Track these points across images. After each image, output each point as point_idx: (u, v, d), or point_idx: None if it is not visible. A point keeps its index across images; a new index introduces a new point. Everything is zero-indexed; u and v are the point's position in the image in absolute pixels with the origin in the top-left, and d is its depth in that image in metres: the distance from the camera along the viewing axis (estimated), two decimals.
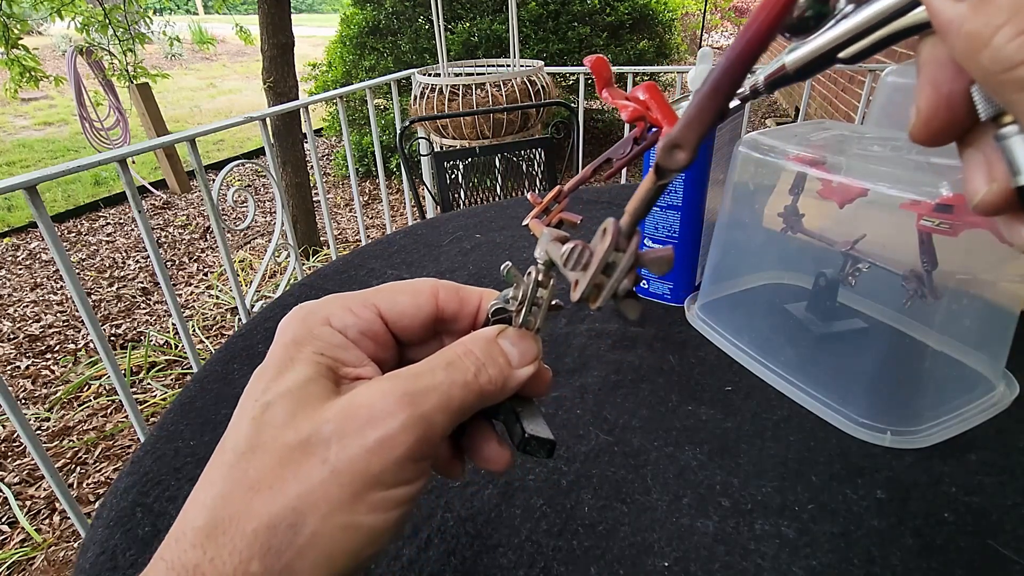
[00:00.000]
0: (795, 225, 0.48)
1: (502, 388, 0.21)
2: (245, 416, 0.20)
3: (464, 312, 0.24)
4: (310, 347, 0.20)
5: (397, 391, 0.19)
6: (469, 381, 0.20)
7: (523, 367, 0.21)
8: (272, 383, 0.20)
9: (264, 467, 0.18)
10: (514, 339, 0.22)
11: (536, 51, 3.57)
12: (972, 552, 0.33)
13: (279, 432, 0.19)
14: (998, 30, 0.12)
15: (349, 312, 0.22)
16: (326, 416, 0.18)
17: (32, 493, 1.58)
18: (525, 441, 0.21)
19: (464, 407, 0.20)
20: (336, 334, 0.21)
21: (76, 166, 1.09)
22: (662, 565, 0.33)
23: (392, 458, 0.18)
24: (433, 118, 1.87)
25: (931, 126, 0.15)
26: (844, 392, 0.44)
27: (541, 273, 0.21)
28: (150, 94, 3.75)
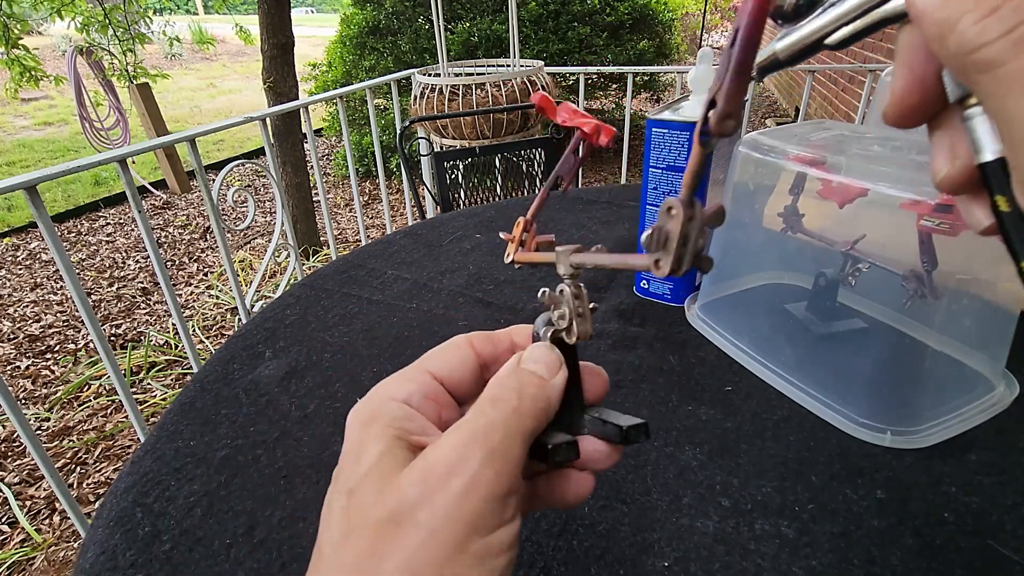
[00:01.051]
0: (795, 225, 0.48)
1: (547, 403, 0.21)
2: (333, 510, 0.20)
3: (499, 353, 0.25)
4: (378, 424, 0.21)
5: (464, 437, 0.19)
6: (517, 407, 0.20)
7: (554, 376, 0.22)
8: (352, 470, 0.20)
9: (360, 549, 0.18)
10: (534, 357, 0.23)
11: (536, 51, 3.57)
12: (972, 552, 0.33)
13: (368, 512, 0.19)
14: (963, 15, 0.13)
15: (406, 381, 0.23)
16: (408, 482, 0.19)
17: (32, 493, 1.58)
18: (625, 434, 0.22)
19: (525, 433, 0.20)
20: (400, 405, 0.22)
21: (76, 166, 1.09)
22: (662, 565, 0.33)
23: (480, 499, 0.18)
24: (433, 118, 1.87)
25: (903, 106, 0.16)
26: (844, 392, 0.44)
27: (573, 286, 0.23)
28: (150, 94, 3.75)
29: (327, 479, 0.41)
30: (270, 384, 0.51)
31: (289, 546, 0.36)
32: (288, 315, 0.62)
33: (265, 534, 0.37)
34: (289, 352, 0.55)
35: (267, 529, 0.37)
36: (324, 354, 0.55)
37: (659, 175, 0.55)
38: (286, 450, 0.43)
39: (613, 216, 0.83)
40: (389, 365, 0.53)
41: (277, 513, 0.38)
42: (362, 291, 0.66)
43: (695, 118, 0.52)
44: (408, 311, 0.61)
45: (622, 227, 0.78)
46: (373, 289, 0.66)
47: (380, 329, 0.58)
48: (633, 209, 0.85)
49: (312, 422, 0.46)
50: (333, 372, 0.52)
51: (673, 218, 0.17)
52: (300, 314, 0.62)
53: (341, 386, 0.50)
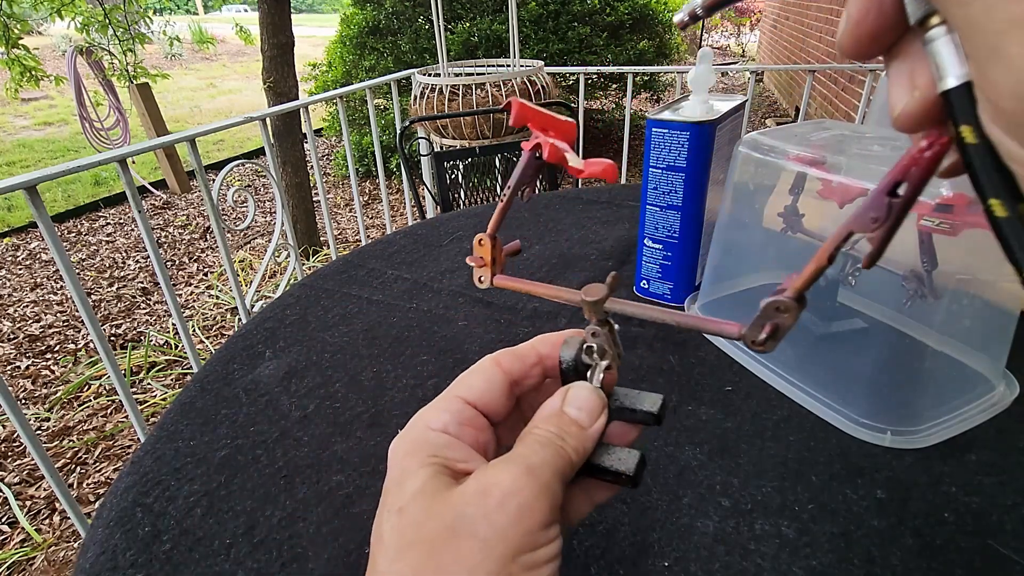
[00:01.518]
0: (795, 225, 0.48)
1: (584, 451, 0.23)
2: (384, 530, 0.21)
3: (527, 368, 0.25)
4: (420, 454, 0.22)
5: (521, 468, 0.21)
6: (561, 451, 0.22)
7: (593, 424, 0.23)
8: (398, 494, 0.21)
9: (419, 561, 0.19)
10: (579, 403, 0.23)
11: (536, 51, 3.57)
12: (972, 552, 0.33)
13: (422, 527, 0.20)
14: None
15: (441, 411, 0.24)
16: (464, 500, 0.20)
17: (32, 493, 1.58)
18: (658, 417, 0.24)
19: (565, 475, 0.22)
20: (439, 435, 0.23)
21: (76, 166, 1.09)
22: (662, 565, 0.33)
23: (532, 523, 0.20)
24: (433, 118, 1.87)
25: (860, 31, 0.15)
26: (844, 392, 0.44)
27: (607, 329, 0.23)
28: (150, 94, 3.75)
29: (327, 479, 0.41)
30: (270, 384, 0.51)
31: (289, 546, 0.36)
32: (288, 315, 0.62)
33: (265, 534, 0.37)
34: (289, 352, 0.55)
35: (267, 529, 0.37)
36: (324, 354, 0.55)
37: (659, 175, 0.55)
38: (286, 450, 0.43)
39: (613, 216, 0.83)
40: (389, 365, 0.53)
41: (277, 513, 0.38)
42: (362, 291, 0.66)
43: (695, 118, 0.52)
44: (408, 311, 0.61)
45: (622, 227, 0.78)
46: (373, 289, 0.66)
47: (380, 329, 0.58)
48: (633, 209, 0.85)
49: (312, 422, 0.46)
50: (333, 372, 0.52)
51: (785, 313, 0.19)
52: (300, 314, 0.62)
53: (341, 386, 0.50)
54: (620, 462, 0.23)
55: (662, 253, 0.58)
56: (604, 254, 0.71)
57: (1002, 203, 0.13)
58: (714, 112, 0.53)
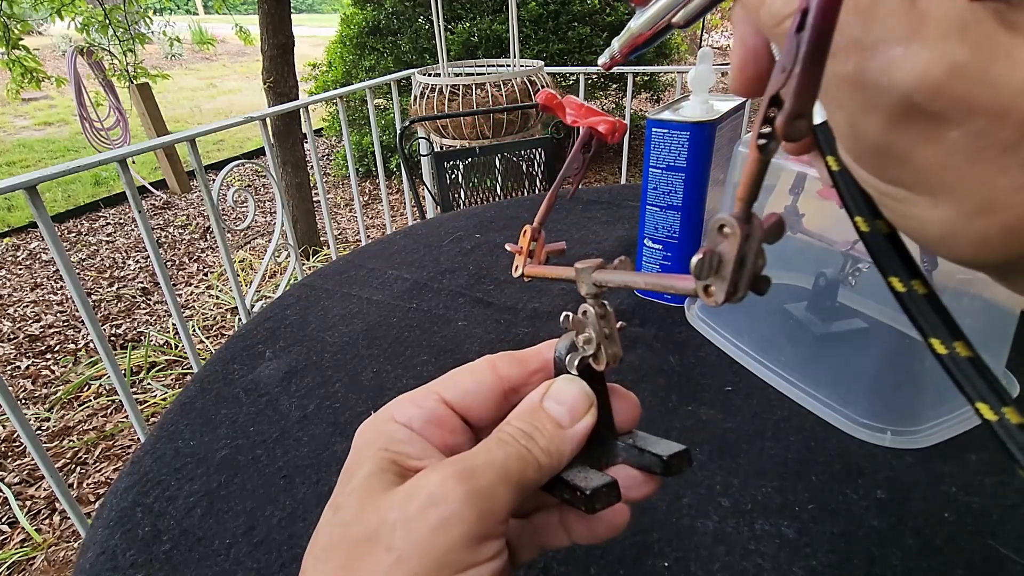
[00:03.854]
0: (795, 225, 0.48)
1: (559, 455, 0.20)
2: (321, 524, 0.20)
3: (528, 374, 0.23)
4: (375, 445, 0.21)
5: (453, 471, 0.19)
6: (523, 455, 0.20)
7: (576, 423, 0.21)
8: (342, 487, 0.20)
9: (336, 566, 0.18)
10: (560, 397, 0.21)
11: (536, 51, 3.56)
12: (972, 552, 0.33)
13: (348, 529, 0.19)
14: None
15: (412, 404, 0.22)
16: (389, 505, 0.18)
17: (32, 493, 1.58)
18: (667, 464, 0.21)
19: (525, 481, 0.19)
20: (400, 428, 0.21)
21: (76, 166, 1.09)
22: (662, 565, 0.33)
23: (456, 536, 0.18)
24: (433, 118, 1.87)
25: (743, 77, 0.17)
26: (844, 392, 0.44)
27: (598, 306, 0.21)
28: (150, 94, 3.75)
29: (327, 479, 0.41)
30: (270, 384, 0.51)
31: (289, 546, 0.36)
32: (288, 315, 0.62)
33: (265, 534, 0.37)
34: (289, 352, 0.55)
35: (267, 529, 0.37)
36: (324, 354, 0.55)
37: (659, 175, 0.55)
38: (286, 450, 0.43)
39: (613, 216, 0.83)
40: (389, 365, 0.53)
41: (277, 513, 0.38)
42: (362, 291, 0.66)
43: (695, 118, 0.52)
44: (408, 311, 0.61)
45: (622, 227, 0.78)
46: (373, 289, 0.66)
47: (380, 329, 0.58)
48: (633, 209, 0.85)
49: (312, 422, 0.46)
50: (333, 372, 0.52)
51: (727, 238, 0.15)
52: (300, 314, 0.62)
53: (341, 386, 0.50)
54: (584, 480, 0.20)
55: (662, 253, 0.58)
56: (604, 254, 0.71)
57: (864, 220, 0.15)
58: (714, 112, 0.53)
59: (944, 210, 0.13)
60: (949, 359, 0.14)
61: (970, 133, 0.12)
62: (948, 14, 0.12)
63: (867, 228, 0.15)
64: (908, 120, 0.12)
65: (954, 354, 0.14)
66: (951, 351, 0.14)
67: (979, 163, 0.12)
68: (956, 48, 0.11)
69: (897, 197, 0.14)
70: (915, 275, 0.15)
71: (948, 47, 0.12)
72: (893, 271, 0.15)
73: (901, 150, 0.13)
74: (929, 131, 0.12)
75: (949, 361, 0.14)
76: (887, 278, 0.15)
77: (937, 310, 0.15)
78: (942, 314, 0.15)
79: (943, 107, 0.12)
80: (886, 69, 0.12)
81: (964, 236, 0.13)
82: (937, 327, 0.15)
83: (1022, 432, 0.14)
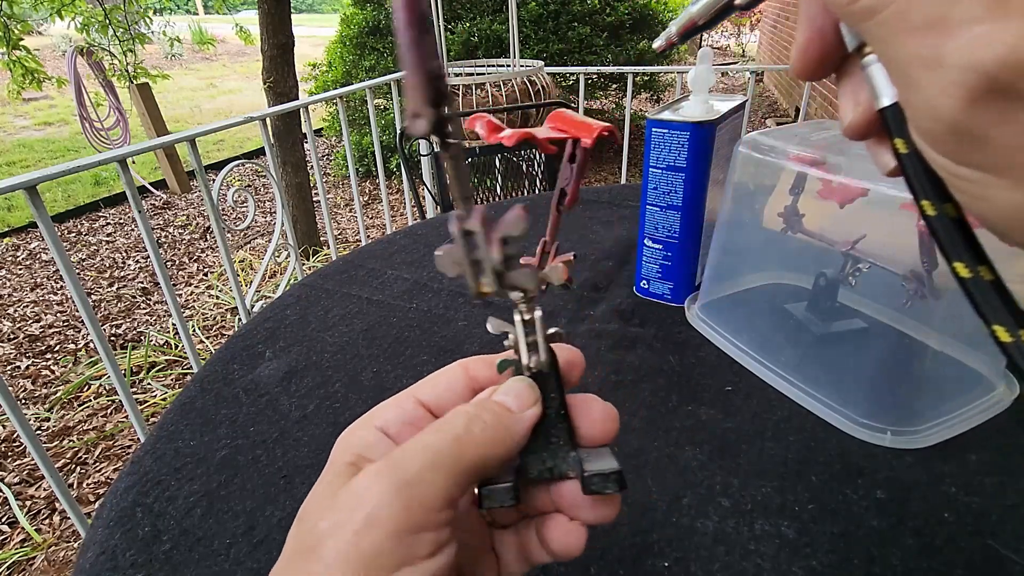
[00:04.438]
0: (795, 225, 0.48)
1: (506, 434, 0.20)
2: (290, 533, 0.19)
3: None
4: (344, 452, 0.20)
5: (380, 464, 0.18)
6: (460, 435, 0.19)
7: (526, 409, 0.21)
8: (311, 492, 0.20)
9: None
10: (508, 389, 0.21)
11: (536, 51, 3.56)
12: (972, 552, 0.33)
13: (299, 537, 0.18)
14: None
15: (389, 407, 0.22)
16: (323, 512, 0.18)
17: (32, 493, 1.58)
18: (586, 481, 0.20)
19: (464, 463, 0.19)
20: (372, 432, 0.21)
21: (76, 166, 1.09)
22: (662, 565, 0.33)
23: (383, 534, 0.17)
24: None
25: (807, 58, 0.17)
26: (844, 392, 0.44)
27: (524, 304, 0.21)
28: (150, 94, 3.75)
29: None
30: (270, 384, 0.51)
31: None
32: (288, 315, 0.62)
33: (265, 534, 0.37)
34: (289, 352, 0.55)
35: (267, 529, 0.37)
36: (324, 354, 0.55)
37: (659, 175, 0.55)
38: (286, 450, 0.43)
39: (613, 216, 0.83)
40: (389, 365, 0.53)
41: (277, 513, 0.38)
42: (362, 291, 0.66)
43: (695, 118, 0.52)
44: (408, 311, 0.61)
45: (622, 227, 0.78)
46: (373, 289, 0.66)
47: (380, 329, 0.58)
48: (633, 209, 0.85)
49: (312, 422, 0.46)
50: (333, 372, 0.52)
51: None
52: (300, 314, 0.62)
53: (341, 386, 0.50)
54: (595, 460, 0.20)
55: (662, 253, 0.58)
56: (604, 254, 0.71)
57: (931, 203, 0.15)
58: (714, 112, 0.53)
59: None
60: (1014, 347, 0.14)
61: None
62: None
63: (934, 212, 0.15)
64: (990, 100, 0.12)
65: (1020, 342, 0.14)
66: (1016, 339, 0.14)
67: None
68: None
69: (972, 179, 0.14)
70: (982, 261, 0.15)
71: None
72: (958, 256, 0.15)
73: (981, 130, 0.13)
74: (1011, 111, 0.12)
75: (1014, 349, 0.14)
76: (951, 263, 0.15)
77: (1003, 297, 0.14)
78: (1008, 302, 0.14)
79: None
80: (969, 47, 0.12)
81: None
82: (1002, 314, 0.14)
83: None
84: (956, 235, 0.15)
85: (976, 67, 0.12)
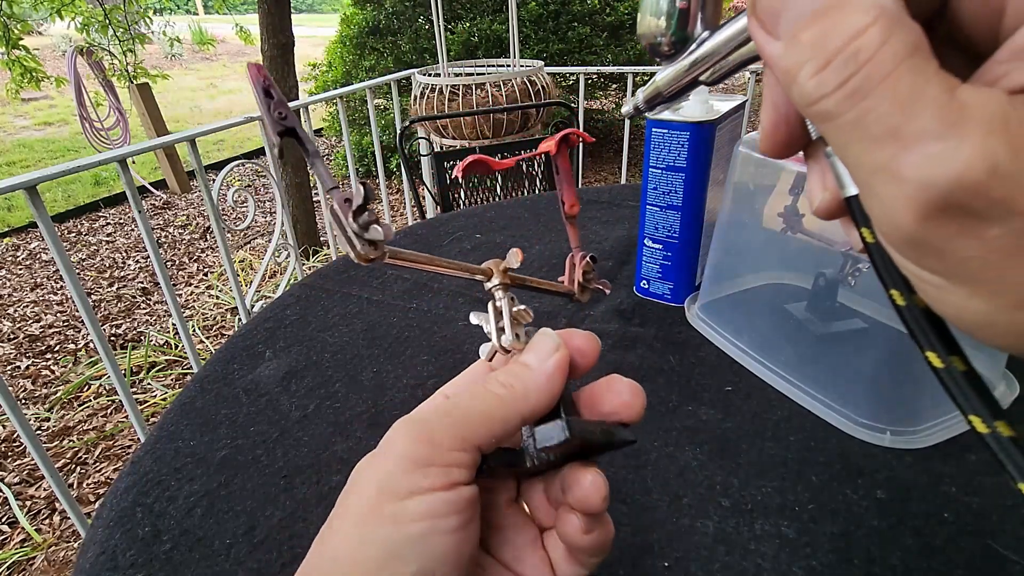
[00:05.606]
0: (795, 225, 0.48)
1: (524, 387, 0.21)
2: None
3: None
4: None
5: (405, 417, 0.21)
6: (475, 391, 0.21)
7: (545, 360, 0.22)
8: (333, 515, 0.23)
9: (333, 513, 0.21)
10: (530, 345, 0.22)
11: (536, 51, 3.56)
12: (972, 552, 0.33)
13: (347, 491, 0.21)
14: (802, 67, 0.13)
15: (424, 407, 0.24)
16: None
17: (32, 493, 1.58)
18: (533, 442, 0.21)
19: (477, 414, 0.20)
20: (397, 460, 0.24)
21: (76, 166, 1.09)
22: (662, 565, 0.33)
23: (393, 460, 0.19)
24: (433, 118, 1.87)
25: (773, 140, 0.17)
26: (844, 392, 0.44)
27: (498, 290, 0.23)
28: (150, 94, 3.75)
29: (327, 479, 0.41)
30: (270, 384, 0.51)
31: (289, 546, 0.36)
32: (288, 315, 0.62)
33: (265, 534, 0.37)
34: (289, 352, 0.55)
35: (267, 529, 0.37)
36: (324, 354, 0.55)
37: (659, 175, 0.55)
38: (286, 450, 0.43)
39: (613, 216, 0.83)
40: (389, 365, 0.53)
41: (277, 513, 0.38)
42: (362, 291, 0.66)
43: (695, 118, 0.52)
44: (408, 311, 0.61)
45: (622, 227, 0.78)
46: (373, 289, 0.66)
47: (380, 329, 0.58)
48: (633, 209, 0.85)
49: (312, 422, 0.46)
50: (333, 372, 0.52)
51: None
52: (300, 314, 0.62)
53: (341, 386, 0.50)
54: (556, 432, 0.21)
55: (662, 253, 0.58)
56: (604, 254, 0.71)
57: (900, 294, 0.15)
58: (714, 112, 0.53)
59: (982, 301, 0.13)
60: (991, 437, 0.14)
61: (1011, 232, 0.11)
62: (989, 108, 0.11)
63: (903, 302, 0.15)
64: (945, 216, 0.12)
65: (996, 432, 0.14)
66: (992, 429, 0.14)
67: (1020, 259, 0.12)
68: (997, 146, 0.11)
69: (934, 284, 0.14)
70: (953, 351, 0.15)
71: (989, 145, 0.11)
72: (930, 347, 0.15)
73: (938, 243, 0.12)
74: (967, 227, 0.12)
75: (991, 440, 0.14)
76: (924, 353, 0.15)
77: (977, 388, 0.14)
78: (983, 392, 0.14)
79: (983, 207, 0.11)
80: (924, 164, 0.12)
81: (1004, 327, 0.13)
82: (976, 405, 0.14)
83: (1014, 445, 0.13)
84: (927, 325, 0.15)
85: (931, 184, 0.12)
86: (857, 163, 0.13)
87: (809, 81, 0.13)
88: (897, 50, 0.12)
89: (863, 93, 0.12)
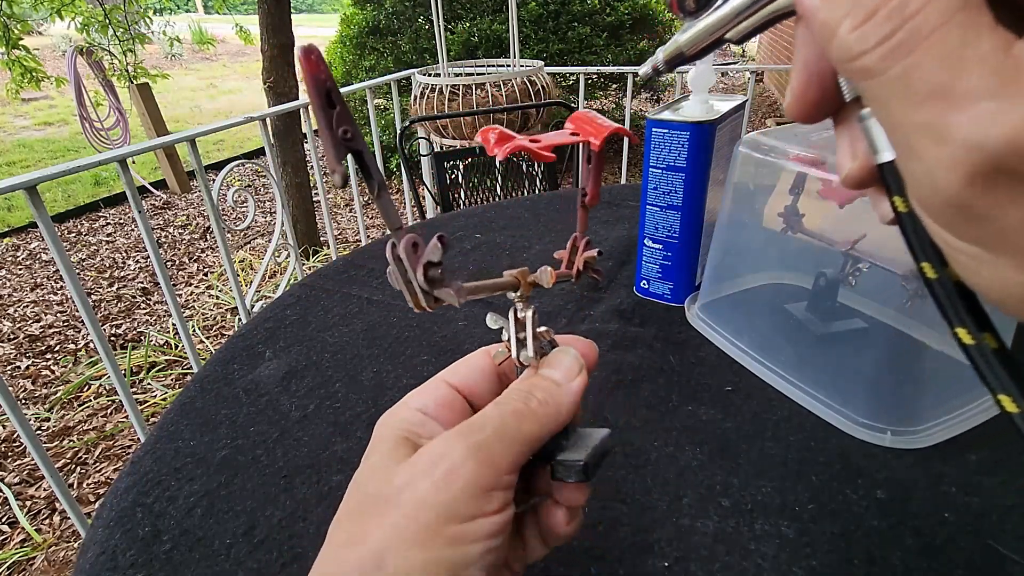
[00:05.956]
0: (795, 225, 0.48)
1: (557, 407, 0.22)
2: (344, 499, 0.22)
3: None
4: (391, 428, 0.23)
5: (453, 432, 0.20)
6: (519, 409, 0.21)
7: (572, 380, 0.22)
8: (362, 466, 0.22)
9: (353, 526, 0.20)
10: (554, 363, 0.23)
11: (536, 51, 3.56)
12: (972, 552, 0.33)
13: (366, 495, 0.21)
14: (843, 20, 0.12)
15: (423, 392, 0.24)
16: (399, 470, 0.20)
17: (32, 493, 1.58)
18: (553, 467, 0.22)
19: (524, 435, 0.21)
20: (414, 412, 0.23)
21: (76, 166, 1.09)
22: (662, 565, 0.33)
23: (458, 488, 0.19)
24: (433, 118, 1.87)
25: (803, 102, 0.16)
26: (844, 392, 0.44)
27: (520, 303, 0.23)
28: (150, 94, 3.75)
29: (327, 479, 0.41)
30: (270, 384, 0.51)
31: (289, 546, 0.36)
32: (288, 315, 0.62)
33: (265, 534, 0.37)
34: (289, 352, 0.55)
35: (267, 529, 0.37)
36: (324, 354, 0.55)
37: (659, 175, 0.55)
38: (286, 450, 0.43)
39: (613, 216, 0.83)
40: (389, 365, 0.53)
41: (277, 513, 0.38)
42: (362, 291, 0.66)
43: (695, 118, 0.52)
44: (408, 311, 0.61)
45: (622, 227, 0.78)
46: (373, 289, 0.66)
47: (380, 329, 0.58)
48: (633, 209, 0.85)
49: (312, 422, 0.46)
50: (333, 372, 0.52)
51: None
52: (300, 314, 0.62)
53: (341, 386, 0.50)
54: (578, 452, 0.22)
55: (662, 253, 0.58)
56: (604, 254, 0.71)
57: (932, 266, 0.14)
58: (714, 112, 0.53)
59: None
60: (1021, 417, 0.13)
61: None
62: None
63: (935, 275, 0.14)
64: (993, 180, 0.11)
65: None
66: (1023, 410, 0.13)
67: None
68: None
69: (969, 253, 0.13)
70: (985, 327, 0.14)
71: None
72: (960, 322, 0.14)
73: (982, 209, 0.12)
74: (1015, 193, 0.11)
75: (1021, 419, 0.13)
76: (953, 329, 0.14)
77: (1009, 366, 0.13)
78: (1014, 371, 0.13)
79: None
80: (973, 124, 0.11)
81: None
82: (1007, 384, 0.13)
83: None
84: (958, 300, 0.14)
85: (981, 145, 0.11)
86: (898, 124, 0.12)
87: (850, 35, 0.12)
88: (947, 3, 0.11)
89: (908, 48, 0.11)
